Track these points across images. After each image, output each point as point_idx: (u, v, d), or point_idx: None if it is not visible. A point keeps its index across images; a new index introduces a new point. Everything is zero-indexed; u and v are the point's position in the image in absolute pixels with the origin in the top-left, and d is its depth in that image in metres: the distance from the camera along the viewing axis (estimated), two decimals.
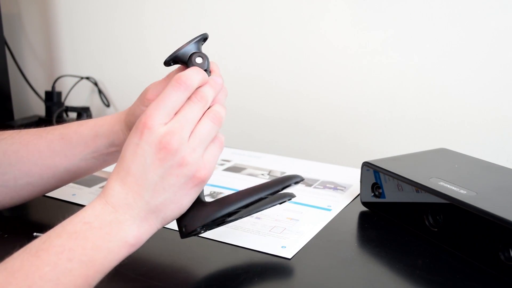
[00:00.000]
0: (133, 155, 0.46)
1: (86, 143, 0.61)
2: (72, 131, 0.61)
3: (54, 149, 0.61)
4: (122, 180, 0.47)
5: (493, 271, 0.52)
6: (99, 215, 0.45)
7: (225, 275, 0.54)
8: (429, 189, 0.59)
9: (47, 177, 0.61)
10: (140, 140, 0.46)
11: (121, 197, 0.46)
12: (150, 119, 0.47)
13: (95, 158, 0.62)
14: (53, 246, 0.42)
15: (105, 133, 0.61)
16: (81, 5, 1.32)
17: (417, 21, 0.92)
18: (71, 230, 0.43)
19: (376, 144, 1.01)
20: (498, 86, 0.88)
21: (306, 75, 1.05)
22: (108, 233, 0.44)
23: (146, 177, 0.46)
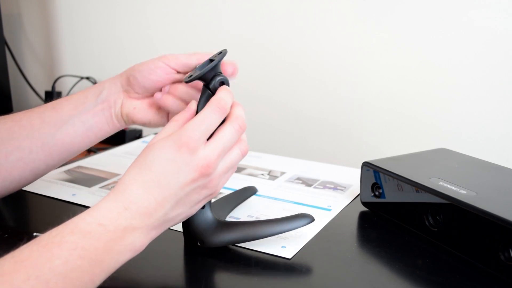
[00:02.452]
0: (166, 169, 0.48)
1: (75, 107, 0.62)
2: (64, 99, 0.64)
3: (44, 119, 0.62)
4: (148, 189, 0.47)
5: (493, 271, 0.52)
6: (115, 219, 0.45)
7: (225, 275, 0.54)
8: (429, 189, 0.59)
9: (36, 149, 0.61)
10: (177, 157, 0.48)
11: (143, 205, 0.47)
12: (192, 141, 0.48)
13: (82, 121, 0.63)
14: (65, 241, 0.42)
15: (94, 92, 0.63)
16: (81, 5, 1.32)
17: (418, 21, 0.92)
18: (85, 229, 0.43)
19: (376, 144, 1.01)
20: (498, 86, 0.88)
21: (306, 75, 1.05)
22: (120, 237, 0.45)
23: (175, 192, 0.48)
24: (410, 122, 0.97)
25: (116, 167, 0.87)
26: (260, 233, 0.56)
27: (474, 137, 0.91)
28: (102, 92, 0.64)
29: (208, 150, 0.49)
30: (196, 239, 0.57)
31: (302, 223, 0.58)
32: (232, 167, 0.53)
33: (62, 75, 1.33)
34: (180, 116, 0.53)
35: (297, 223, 0.57)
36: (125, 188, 0.47)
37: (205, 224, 0.56)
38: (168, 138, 0.49)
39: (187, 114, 0.53)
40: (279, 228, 0.57)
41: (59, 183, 0.79)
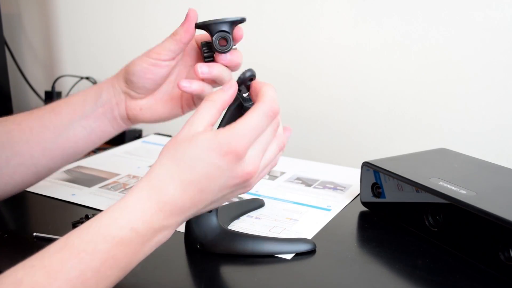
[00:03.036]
0: (209, 173, 0.45)
1: (74, 110, 0.61)
2: (63, 102, 0.62)
3: (44, 123, 0.61)
4: (186, 190, 0.45)
5: (493, 271, 0.52)
6: (148, 221, 0.43)
7: (225, 275, 0.54)
8: (429, 189, 0.59)
9: (37, 155, 0.61)
10: (223, 163, 0.44)
11: (179, 205, 0.45)
12: (241, 149, 0.45)
13: (83, 126, 0.61)
14: (98, 251, 0.41)
15: (93, 95, 0.61)
16: (81, 5, 1.32)
17: (418, 21, 0.92)
18: (117, 235, 0.42)
19: (376, 144, 1.01)
20: (498, 86, 0.88)
21: (305, 75, 1.05)
22: (150, 239, 0.44)
23: (213, 194, 0.46)
24: (410, 122, 0.97)
25: (116, 167, 0.87)
26: (260, 250, 0.56)
27: (474, 137, 0.91)
28: (102, 96, 0.62)
29: (253, 155, 0.46)
30: (196, 242, 0.57)
31: (303, 248, 0.57)
32: (270, 164, 0.50)
33: (62, 75, 1.33)
34: (217, 96, 0.48)
35: (298, 247, 0.57)
36: (161, 186, 0.44)
37: (208, 229, 0.56)
38: (214, 138, 0.44)
39: (225, 96, 0.48)
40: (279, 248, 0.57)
41: (59, 183, 0.79)
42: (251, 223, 0.66)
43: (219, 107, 0.48)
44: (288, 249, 0.57)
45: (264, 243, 0.57)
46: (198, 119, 0.47)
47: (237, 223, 0.65)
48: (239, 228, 0.63)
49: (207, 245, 0.56)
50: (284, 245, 0.57)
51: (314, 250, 0.58)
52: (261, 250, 0.56)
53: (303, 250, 0.57)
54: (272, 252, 0.57)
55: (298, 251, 0.57)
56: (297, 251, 0.57)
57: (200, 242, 0.57)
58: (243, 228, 0.64)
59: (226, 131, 0.45)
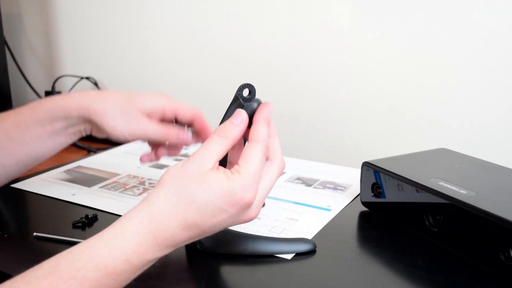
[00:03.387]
0: (216, 217, 0.44)
1: (43, 127, 0.61)
2: (28, 117, 0.62)
3: (11, 137, 0.61)
4: (188, 230, 0.44)
5: (493, 271, 0.52)
6: (143, 254, 0.43)
7: (225, 275, 0.54)
8: (429, 189, 0.59)
9: (10, 165, 0.62)
10: (233, 210, 0.44)
11: (177, 241, 0.44)
12: (251, 193, 0.45)
13: (53, 140, 0.62)
14: (88, 279, 0.40)
15: (62, 117, 0.62)
16: (81, 5, 1.32)
17: (417, 21, 0.92)
18: (110, 266, 0.41)
19: (376, 144, 1.01)
20: (498, 86, 0.88)
21: (305, 75, 1.05)
22: (142, 268, 0.44)
23: (213, 232, 0.46)
24: (410, 122, 0.97)
25: (116, 167, 0.87)
26: (260, 250, 0.56)
27: (474, 137, 0.91)
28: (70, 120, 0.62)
29: (258, 201, 0.47)
30: (196, 242, 0.57)
31: (303, 248, 0.57)
32: None
33: (62, 75, 1.33)
34: (229, 133, 0.47)
35: (298, 247, 0.57)
36: (163, 222, 0.43)
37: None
38: (227, 184, 0.44)
39: (237, 133, 0.48)
40: (279, 248, 0.57)
41: (59, 183, 0.79)
42: (251, 223, 0.65)
43: (229, 145, 0.47)
44: (288, 249, 0.57)
45: (264, 243, 0.57)
46: (209, 153, 0.46)
47: None
48: (239, 228, 0.63)
49: (207, 245, 0.56)
50: (284, 245, 0.57)
51: (314, 250, 0.58)
52: (261, 250, 0.56)
53: (303, 250, 0.57)
54: (272, 252, 0.57)
55: (298, 251, 0.57)
56: (297, 251, 0.57)
57: (200, 242, 0.57)
58: (243, 228, 0.64)
59: (240, 179, 0.44)
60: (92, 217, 0.65)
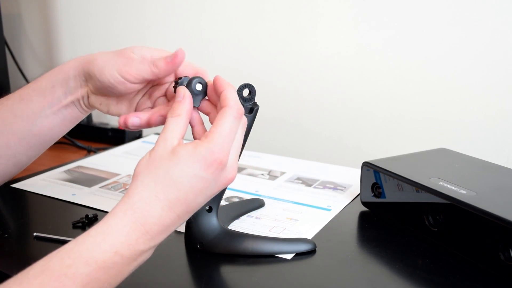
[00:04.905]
0: (195, 187, 0.45)
1: (44, 97, 0.60)
2: (31, 89, 0.61)
3: (15, 113, 0.60)
4: (172, 208, 0.44)
5: (493, 271, 0.52)
6: (133, 245, 0.42)
7: (225, 275, 0.54)
8: (429, 189, 0.59)
9: (14, 145, 0.60)
10: (208, 174, 0.45)
11: (165, 224, 0.44)
12: (224, 158, 0.45)
13: (55, 113, 0.60)
14: (79, 274, 0.40)
15: (61, 81, 0.60)
16: (81, 5, 1.32)
17: (417, 21, 0.92)
18: (100, 259, 0.41)
19: (376, 144, 1.01)
20: (498, 86, 0.88)
21: (305, 75, 1.05)
22: (135, 260, 0.43)
23: (199, 205, 0.47)
24: (410, 122, 0.97)
25: (116, 167, 0.87)
26: (260, 250, 0.56)
27: (474, 137, 0.91)
28: (69, 83, 0.60)
29: (232, 160, 0.47)
30: (196, 241, 0.57)
31: (303, 248, 0.57)
32: None
33: None
34: (181, 110, 0.49)
35: (298, 247, 0.57)
36: (147, 208, 0.43)
37: (208, 228, 0.57)
38: (194, 151, 0.45)
39: (188, 106, 0.49)
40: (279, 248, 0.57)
41: (59, 183, 0.79)
42: (251, 223, 0.66)
43: (186, 120, 0.49)
44: (288, 249, 0.57)
45: (264, 243, 0.57)
46: (170, 134, 0.47)
47: (237, 223, 0.65)
48: (239, 228, 0.63)
49: (207, 245, 0.56)
50: (284, 245, 0.57)
51: (314, 250, 0.58)
52: (261, 250, 0.56)
53: (303, 250, 0.57)
54: (272, 252, 0.57)
55: (298, 251, 0.57)
56: (297, 251, 0.57)
57: (200, 242, 0.57)
58: (243, 228, 0.64)
59: (206, 143, 0.45)
60: (92, 217, 0.65)
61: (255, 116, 0.54)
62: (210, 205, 0.56)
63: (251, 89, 0.54)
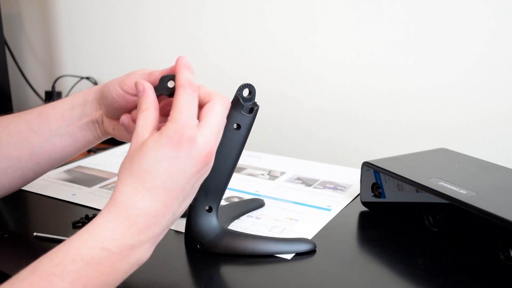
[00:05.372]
0: (170, 169, 0.44)
1: (62, 116, 0.61)
2: (51, 107, 0.62)
3: (32, 127, 0.60)
4: (154, 196, 0.44)
5: (493, 271, 0.52)
6: (120, 239, 0.42)
7: (225, 275, 0.54)
8: (429, 189, 0.59)
9: (25, 159, 0.60)
10: (178, 153, 0.44)
11: (152, 214, 0.44)
12: (189, 131, 0.45)
13: (69, 133, 0.61)
14: (67, 272, 0.39)
15: (80, 103, 0.61)
16: (81, 5, 1.32)
17: (416, 22, 0.92)
18: (87, 255, 0.41)
19: (376, 144, 1.01)
20: (498, 86, 0.88)
21: (306, 75, 1.05)
22: (127, 256, 0.43)
23: (182, 189, 0.45)
24: (410, 122, 0.97)
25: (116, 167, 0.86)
26: (260, 250, 0.56)
27: (474, 137, 0.91)
28: (86, 105, 0.61)
29: (206, 135, 0.47)
30: (196, 241, 0.57)
31: (303, 248, 0.57)
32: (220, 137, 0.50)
33: (62, 75, 1.33)
34: (146, 104, 0.48)
35: (298, 247, 0.57)
36: (127, 201, 0.43)
37: (208, 228, 0.56)
38: (160, 135, 0.45)
39: (151, 98, 0.49)
40: (279, 248, 0.57)
41: (59, 183, 0.79)
42: (251, 223, 0.66)
43: (154, 111, 0.48)
44: (288, 249, 0.57)
45: (264, 243, 0.57)
46: (141, 129, 0.47)
47: (237, 223, 0.65)
48: (239, 228, 0.63)
49: (207, 245, 0.56)
50: (284, 245, 0.57)
51: (314, 250, 0.58)
52: (261, 250, 0.56)
53: (303, 250, 0.57)
54: (272, 252, 0.57)
55: (298, 251, 0.57)
56: (297, 251, 0.57)
57: (200, 242, 0.57)
58: (243, 228, 0.64)
59: (168, 124, 0.45)
60: (92, 217, 0.65)
61: (255, 116, 0.54)
62: (210, 205, 0.56)
63: (251, 89, 0.54)
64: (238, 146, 0.54)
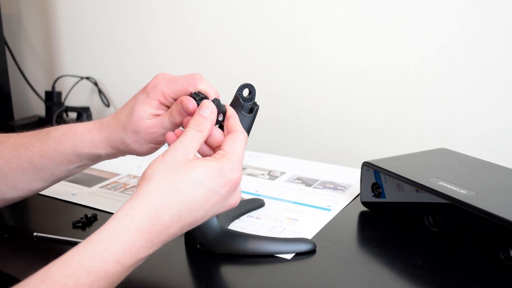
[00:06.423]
0: (209, 202, 0.45)
1: (69, 160, 0.58)
2: (52, 149, 0.58)
3: (36, 166, 0.58)
4: (181, 219, 0.44)
5: (493, 271, 0.52)
6: (135, 254, 0.42)
7: (225, 275, 0.54)
8: (429, 189, 0.59)
9: (36, 188, 0.60)
10: (224, 191, 0.46)
11: (171, 233, 0.44)
12: (240, 177, 0.48)
13: (82, 167, 0.61)
14: (80, 285, 0.39)
15: (88, 155, 0.58)
16: (81, 5, 1.32)
17: (416, 21, 0.92)
18: (102, 270, 0.40)
19: (376, 144, 1.01)
20: (498, 86, 0.88)
21: (305, 75, 1.05)
22: (134, 267, 0.43)
23: (202, 220, 0.47)
24: (410, 122, 0.97)
25: (116, 167, 0.87)
26: (260, 250, 0.56)
27: (474, 137, 0.91)
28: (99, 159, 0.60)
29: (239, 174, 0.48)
30: (196, 242, 0.57)
31: (303, 248, 0.57)
32: None
33: (62, 75, 1.33)
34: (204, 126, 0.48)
35: (298, 247, 0.57)
36: (156, 216, 0.43)
37: (208, 228, 0.57)
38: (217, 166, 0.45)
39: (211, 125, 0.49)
40: (279, 248, 0.57)
41: (59, 183, 0.79)
42: (251, 223, 0.66)
43: (205, 137, 0.49)
44: (288, 249, 0.57)
45: (264, 243, 0.57)
46: (188, 145, 0.47)
47: (237, 223, 0.65)
48: (239, 228, 0.63)
49: (207, 245, 0.56)
50: (284, 245, 0.57)
51: (314, 250, 0.58)
52: (261, 250, 0.56)
53: (303, 250, 0.57)
54: (272, 252, 0.57)
55: (298, 251, 0.57)
56: (297, 251, 0.57)
57: (200, 242, 0.57)
58: (243, 228, 0.64)
59: (227, 160, 0.46)
60: (92, 217, 0.65)
61: (255, 116, 0.54)
62: None
63: (251, 89, 0.54)
64: None
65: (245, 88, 0.54)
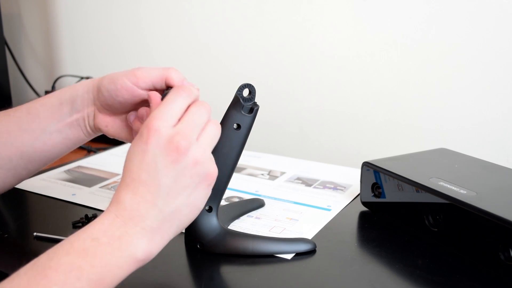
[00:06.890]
0: (141, 162, 0.45)
1: (52, 113, 0.60)
2: (39, 104, 0.61)
3: (21, 126, 0.60)
4: (133, 190, 0.44)
5: (493, 271, 0.52)
6: (107, 230, 0.43)
7: (225, 275, 0.54)
8: (429, 189, 0.59)
9: (16, 158, 0.60)
10: (147, 145, 0.45)
11: (133, 208, 0.44)
12: (155, 121, 0.45)
13: (59, 131, 0.60)
14: (61, 264, 0.40)
15: (69, 98, 0.60)
16: (81, 5, 1.32)
17: (416, 22, 0.92)
18: (79, 247, 0.42)
19: (376, 144, 1.01)
20: (498, 86, 0.88)
21: (306, 75, 1.05)
22: (118, 248, 0.43)
23: (159, 182, 0.44)
24: (410, 122, 0.97)
25: (116, 167, 0.87)
26: (260, 250, 0.56)
27: (474, 137, 0.91)
28: (76, 101, 0.60)
29: (176, 127, 0.46)
30: (196, 241, 0.57)
31: (303, 248, 0.57)
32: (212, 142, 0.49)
33: (62, 75, 1.33)
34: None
35: (298, 247, 0.57)
36: (115, 197, 0.45)
37: (208, 228, 0.56)
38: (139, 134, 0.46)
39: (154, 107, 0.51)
40: (279, 248, 0.57)
41: (59, 183, 0.79)
42: (251, 223, 0.66)
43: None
44: (288, 249, 0.57)
45: (264, 243, 0.57)
46: None
47: (237, 223, 0.65)
48: (239, 228, 0.63)
49: (207, 245, 0.56)
50: (284, 245, 0.57)
51: (314, 250, 0.58)
52: (261, 250, 0.56)
53: (303, 250, 0.57)
54: (272, 252, 0.57)
55: (298, 251, 0.57)
56: (297, 251, 0.57)
57: (200, 242, 0.57)
58: (243, 228, 0.64)
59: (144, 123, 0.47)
60: (91, 217, 0.65)
61: (255, 116, 0.54)
62: (210, 205, 0.56)
63: (251, 89, 0.54)
64: (238, 146, 0.54)
65: (245, 88, 0.54)
